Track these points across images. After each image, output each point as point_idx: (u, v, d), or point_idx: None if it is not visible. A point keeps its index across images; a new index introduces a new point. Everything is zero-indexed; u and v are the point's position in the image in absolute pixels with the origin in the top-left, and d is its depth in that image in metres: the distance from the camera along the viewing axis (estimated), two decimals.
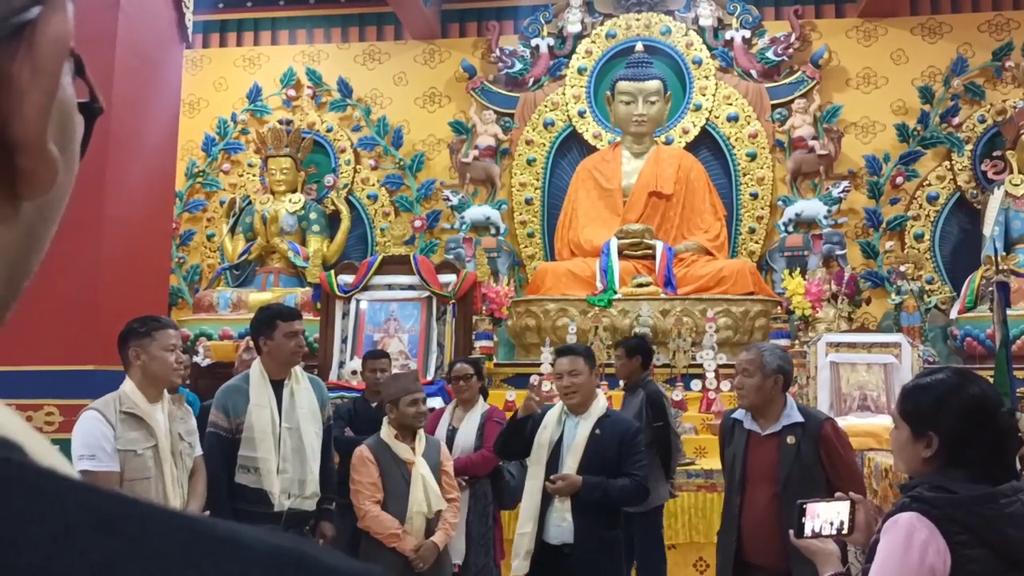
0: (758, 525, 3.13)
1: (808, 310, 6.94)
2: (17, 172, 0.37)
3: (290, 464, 3.33)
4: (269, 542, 0.31)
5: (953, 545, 1.62)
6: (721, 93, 8.72)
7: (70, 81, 0.41)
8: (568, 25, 8.99)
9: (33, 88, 0.36)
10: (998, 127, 8.23)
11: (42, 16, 0.37)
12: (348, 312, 6.77)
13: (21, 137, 0.36)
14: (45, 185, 0.38)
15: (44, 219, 0.41)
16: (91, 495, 0.30)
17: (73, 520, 0.29)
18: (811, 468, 3.12)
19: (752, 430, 3.24)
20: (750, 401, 3.22)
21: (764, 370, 3.18)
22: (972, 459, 1.70)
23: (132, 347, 2.95)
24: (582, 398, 3.50)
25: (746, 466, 3.20)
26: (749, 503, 3.17)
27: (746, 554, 3.17)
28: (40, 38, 0.37)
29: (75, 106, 0.42)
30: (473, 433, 4.22)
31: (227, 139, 9.40)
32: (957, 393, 1.74)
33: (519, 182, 8.85)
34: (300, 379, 3.47)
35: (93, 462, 2.80)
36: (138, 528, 0.30)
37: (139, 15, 4.99)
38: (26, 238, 0.40)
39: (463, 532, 4.00)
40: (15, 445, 0.33)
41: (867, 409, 5.82)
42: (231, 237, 8.80)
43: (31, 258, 0.41)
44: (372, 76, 9.33)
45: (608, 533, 3.42)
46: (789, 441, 3.15)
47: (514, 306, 7.54)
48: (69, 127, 0.41)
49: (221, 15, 9.44)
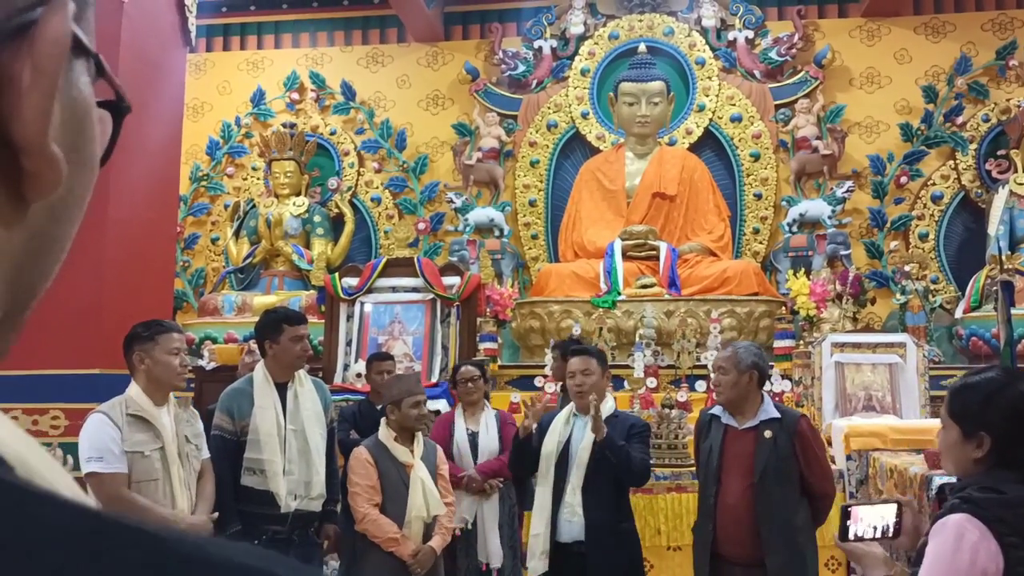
0: (732, 516, 3.20)
1: (813, 310, 6.92)
2: (22, 174, 0.37)
3: (296, 466, 3.34)
4: (236, 561, 0.30)
5: (1005, 547, 1.56)
6: (724, 94, 8.71)
7: (88, 81, 0.41)
8: (571, 27, 8.99)
9: (33, 89, 0.36)
10: (1002, 126, 8.21)
11: (43, 17, 0.37)
12: (352, 315, 6.77)
13: (22, 138, 0.36)
14: (49, 186, 0.38)
15: (57, 220, 0.41)
16: (60, 512, 0.30)
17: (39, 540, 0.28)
18: (786, 461, 3.20)
19: (729, 424, 3.31)
20: (727, 397, 3.31)
21: (739, 367, 3.27)
22: (1022, 460, 1.66)
23: (136, 351, 2.96)
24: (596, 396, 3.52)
25: (722, 458, 3.27)
26: (723, 495, 3.25)
27: (720, 545, 3.22)
28: (40, 39, 0.37)
29: (92, 106, 0.42)
30: (496, 436, 4.22)
31: (231, 143, 9.41)
32: (1005, 392, 1.70)
33: (523, 184, 8.85)
34: (304, 381, 3.49)
35: (101, 464, 2.82)
36: (105, 548, 0.29)
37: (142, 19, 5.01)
38: (35, 240, 0.39)
39: (496, 535, 4.01)
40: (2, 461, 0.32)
41: (872, 409, 5.81)
42: (235, 240, 8.81)
43: (44, 260, 0.41)
44: (375, 79, 9.34)
45: (619, 526, 3.42)
46: (766, 435, 3.23)
47: (518, 308, 7.54)
48: (86, 126, 0.41)
49: (224, 19, 9.46)
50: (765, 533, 3.15)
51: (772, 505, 3.17)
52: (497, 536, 4.03)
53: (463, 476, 3.98)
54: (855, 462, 4.91)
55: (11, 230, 0.38)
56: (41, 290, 0.41)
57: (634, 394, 6.12)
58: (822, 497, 3.32)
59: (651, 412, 5.67)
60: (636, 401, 6.03)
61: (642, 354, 6.32)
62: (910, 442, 4.72)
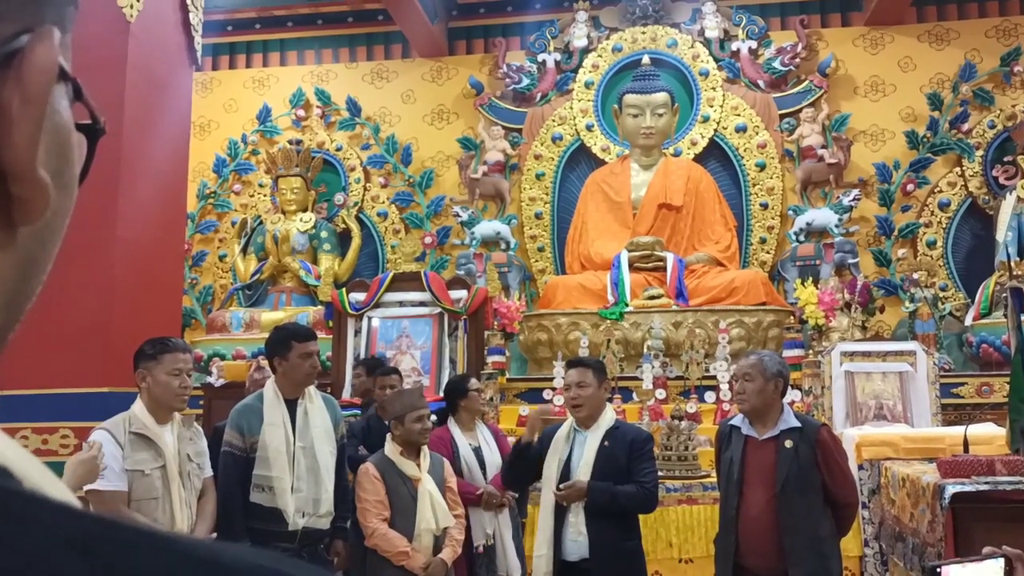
0: (755, 526, 3.17)
1: (821, 319, 6.90)
2: (10, 200, 0.37)
3: (304, 483, 3.33)
4: (249, 562, 0.31)
5: None
6: (729, 104, 8.72)
7: (67, 105, 0.41)
8: (574, 40, 9.02)
9: (22, 118, 0.37)
10: (1008, 132, 8.19)
11: (29, 45, 0.37)
12: (360, 330, 6.78)
13: (11, 165, 0.37)
14: (38, 211, 0.38)
15: (43, 243, 0.41)
16: (71, 519, 0.30)
17: (51, 545, 0.29)
18: (808, 471, 3.17)
19: (750, 435, 3.28)
20: (751, 405, 3.27)
21: (765, 374, 3.24)
22: None
23: (140, 369, 2.97)
24: (589, 411, 3.50)
25: (744, 469, 3.23)
26: (746, 505, 3.22)
27: (742, 556, 3.19)
28: (28, 67, 0.37)
29: (72, 130, 0.42)
30: (496, 449, 4.20)
31: (237, 160, 9.46)
32: None
33: (528, 197, 8.86)
34: (314, 398, 3.48)
35: (101, 482, 2.81)
36: (116, 553, 0.29)
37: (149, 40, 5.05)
38: (23, 264, 0.40)
39: (513, 548, 4.00)
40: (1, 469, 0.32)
41: (883, 418, 5.77)
42: (243, 257, 8.84)
43: (30, 283, 0.41)
44: (380, 94, 9.38)
45: (625, 544, 3.40)
46: (787, 445, 3.20)
47: (526, 321, 7.54)
48: (66, 151, 0.41)
49: (230, 37, 9.52)
50: (788, 544, 3.12)
51: (795, 515, 3.14)
52: (514, 548, 4.02)
53: (481, 492, 3.96)
54: (867, 471, 4.88)
55: (5, 255, 0.38)
56: (23, 314, 0.41)
57: (643, 406, 6.10)
58: (845, 506, 3.29)
59: (661, 424, 5.66)
60: (645, 413, 6.01)
61: (650, 365, 6.31)
62: (922, 451, 4.69)
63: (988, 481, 3.34)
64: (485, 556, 3.95)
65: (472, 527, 3.84)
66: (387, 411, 3.68)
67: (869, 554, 4.85)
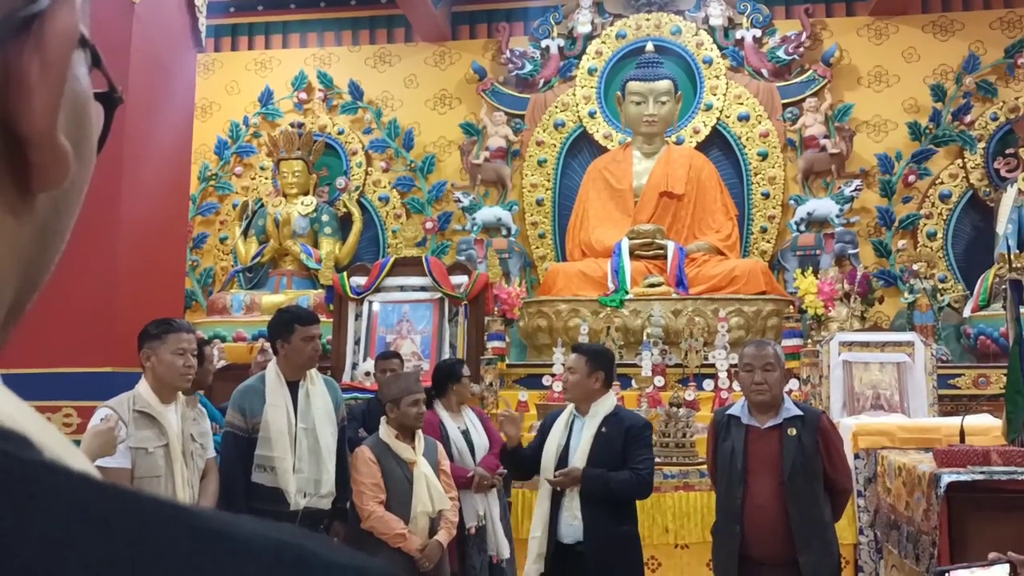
0: (762, 516, 3.17)
1: (820, 309, 6.92)
2: (30, 167, 0.37)
3: (306, 464, 3.36)
4: (269, 536, 0.31)
5: None
6: (732, 92, 8.71)
7: (85, 72, 0.41)
8: (578, 26, 9.00)
9: (42, 83, 0.36)
10: (1011, 124, 8.19)
11: (49, 9, 0.36)
12: (361, 314, 6.80)
13: (31, 132, 0.36)
14: (58, 178, 0.38)
15: (59, 212, 0.40)
16: (91, 491, 0.30)
17: (70, 518, 0.28)
18: (812, 459, 3.20)
19: (751, 425, 3.28)
20: (773, 395, 3.26)
21: (781, 364, 3.27)
22: None
23: (145, 348, 3.00)
24: (575, 395, 3.57)
25: (747, 459, 3.23)
26: (751, 495, 3.20)
27: (749, 546, 3.19)
28: (48, 32, 0.36)
29: (90, 98, 0.41)
30: (483, 432, 4.24)
31: (239, 142, 9.45)
32: None
33: (530, 183, 8.87)
34: (315, 380, 3.51)
35: (106, 459, 2.84)
36: (136, 525, 0.29)
37: (153, 21, 5.04)
38: (42, 232, 0.40)
39: (501, 528, 4.05)
40: (21, 438, 0.32)
41: (880, 408, 5.81)
42: (244, 240, 8.85)
43: (48, 253, 0.41)
44: (383, 78, 9.37)
45: (620, 529, 3.44)
46: (791, 433, 3.20)
47: (526, 307, 7.56)
48: (84, 119, 0.41)
49: (232, 19, 9.49)
50: (797, 532, 3.13)
51: (802, 503, 3.16)
52: (502, 529, 4.08)
53: (472, 475, 4.00)
54: (863, 460, 4.91)
55: (21, 222, 0.38)
56: (42, 283, 0.41)
57: (642, 393, 6.13)
58: (842, 493, 3.33)
59: (659, 411, 5.69)
60: (644, 400, 6.04)
61: (650, 353, 6.34)
62: (918, 440, 4.72)
63: (983, 471, 3.37)
64: (476, 537, 4.00)
65: (463, 509, 3.88)
66: (383, 394, 3.71)
67: (864, 542, 4.89)
